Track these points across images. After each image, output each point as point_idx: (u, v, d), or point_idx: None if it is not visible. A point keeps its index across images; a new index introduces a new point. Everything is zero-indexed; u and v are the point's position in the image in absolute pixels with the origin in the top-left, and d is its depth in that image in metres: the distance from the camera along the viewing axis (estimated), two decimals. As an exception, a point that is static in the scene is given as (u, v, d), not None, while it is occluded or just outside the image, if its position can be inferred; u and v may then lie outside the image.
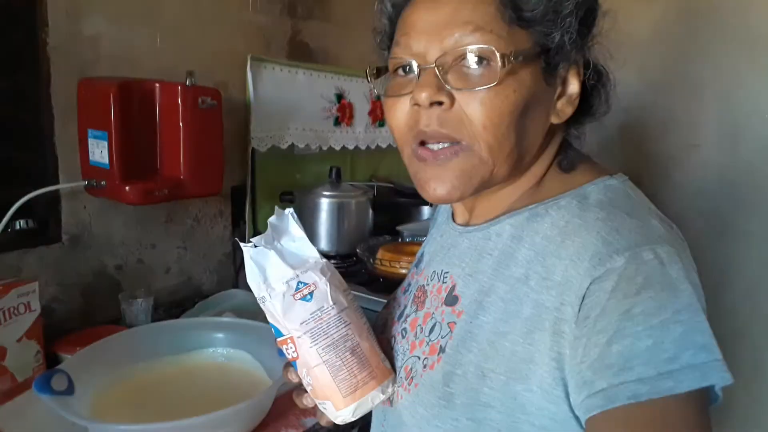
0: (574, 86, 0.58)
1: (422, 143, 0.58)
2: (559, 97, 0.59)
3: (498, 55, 0.52)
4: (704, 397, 0.47)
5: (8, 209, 1.07)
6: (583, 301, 0.49)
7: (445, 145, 0.56)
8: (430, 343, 0.62)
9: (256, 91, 1.51)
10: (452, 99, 0.55)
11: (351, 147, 1.85)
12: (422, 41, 0.56)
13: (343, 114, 1.80)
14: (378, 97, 1.92)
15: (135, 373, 0.96)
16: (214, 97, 1.21)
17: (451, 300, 0.62)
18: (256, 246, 0.61)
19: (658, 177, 1.74)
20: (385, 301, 0.80)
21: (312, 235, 1.61)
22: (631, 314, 0.47)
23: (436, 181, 0.58)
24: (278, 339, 0.61)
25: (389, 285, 1.34)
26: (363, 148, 1.91)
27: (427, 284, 0.68)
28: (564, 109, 0.59)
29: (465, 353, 0.57)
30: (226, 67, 1.47)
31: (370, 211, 1.68)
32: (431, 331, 0.63)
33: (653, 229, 0.52)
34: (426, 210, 1.95)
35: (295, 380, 0.65)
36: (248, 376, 0.98)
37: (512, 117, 0.54)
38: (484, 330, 0.57)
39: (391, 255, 1.41)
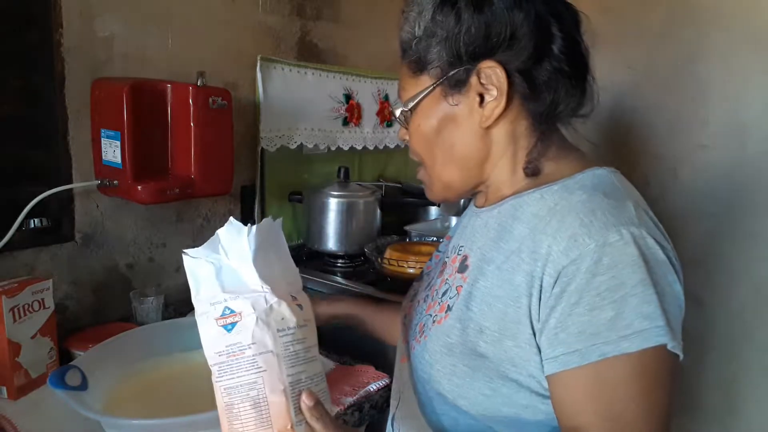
0: (492, 91, 0.68)
1: None
2: (482, 103, 0.69)
3: (398, 110, 0.75)
4: (657, 354, 0.57)
5: (22, 208, 1.08)
6: (559, 276, 0.60)
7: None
8: (441, 303, 0.74)
9: (266, 92, 1.52)
10: (408, 138, 0.76)
11: (359, 147, 1.86)
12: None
13: (352, 114, 1.81)
14: (386, 98, 1.93)
15: (146, 369, 0.97)
16: (225, 97, 1.23)
17: (463, 268, 0.74)
18: (195, 257, 0.57)
19: (665, 177, 1.74)
20: (391, 300, 0.95)
21: (320, 234, 1.63)
22: (598, 290, 0.58)
23: (425, 190, 0.81)
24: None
25: (397, 285, 1.35)
26: (371, 148, 1.92)
27: (448, 257, 0.81)
28: (490, 111, 0.68)
29: (466, 311, 0.68)
30: (236, 68, 1.49)
31: (378, 210, 1.69)
32: (444, 294, 0.75)
33: (625, 211, 0.62)
34: (433, 210, 1.96)
35: None
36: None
37: (427, 142, 0.73)
38: (483, 293, 0.68)
39: (399, 255, 1.42)
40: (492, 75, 0.67)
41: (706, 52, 1.66)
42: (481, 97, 0.68)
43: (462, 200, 1.93)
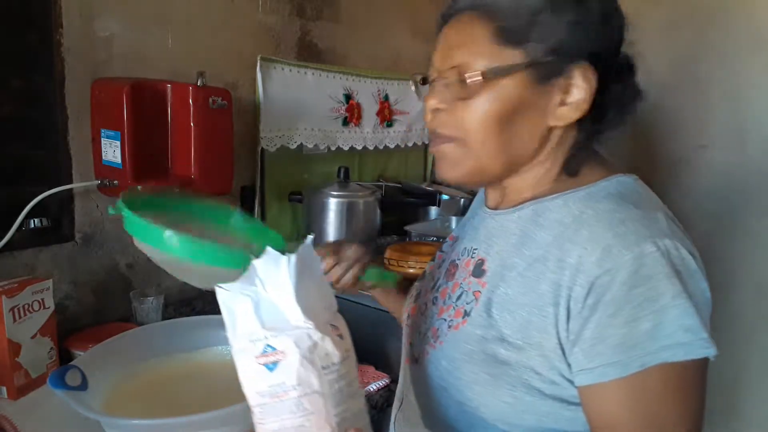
0: (577, 93, 0.64)
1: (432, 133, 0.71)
2: (562, 103, 0.65)
3: (472, 72, 0.63)
4: (696, 365, 0.57)
5: (23, 208, 1.09)
6: (592, 287, 0.58)
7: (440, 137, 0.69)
8: (456, 308, 0.71)
9: (266, 92, 1.52)
10: (451, 106, 0.66)
11: (359, 147, 1.86)
12: (437, 58, 0.68)
13: (352, 114, 1.81)
14: (386, 98, 1.93)
15: (146, 369, 0.96)
16: (225, 97, 1.23)
17: (479, 272, 0.71)
18: (229, 290, 0.53)
19: (666, 177, 1.74)
20: None
21: (320, 234, 1.63)
22: (637, 301, 0.56)
23: (440, 164, 0.71)
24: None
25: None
26: (371, 148, 1.92)
27: (458, 259, 0.77)
28: (567, 114, 0.65)
29: (487, 318, 0.66)
30: (236, 68, 1.49)
31: (378, 211, 1.69)
32: (458, 298, 0.72)
33: (657, 222, 0.60)
34: (433, 210, 1.96)
35: None
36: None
37: (493, 122, 0.65)
38: (504, 300, 0.65)
39: (399, 255, 1.42)
40: (584, 77, 0.63)
41: (706, 52, 1.66)
42: (563, 94, 0.65)
43: (462, 200, 1.94)
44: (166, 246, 0.69)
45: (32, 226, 1.13)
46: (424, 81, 0.73)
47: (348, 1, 1.78)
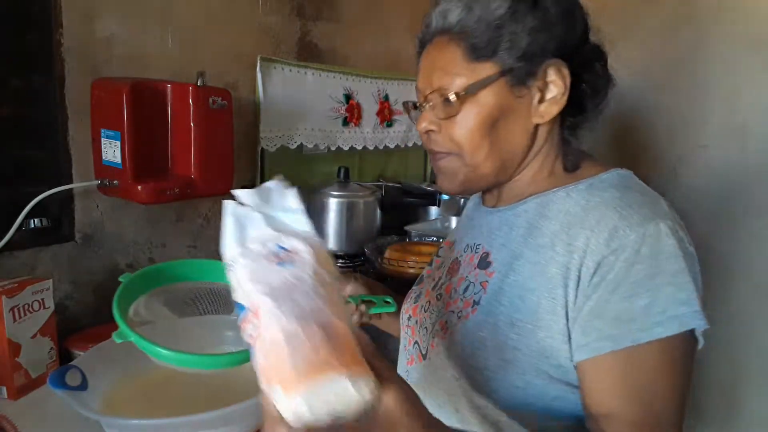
0: (554, 88, 0.69)
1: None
2: (542, 101, 0.70)
3: (451, 93, 0.69)
4: (687, 340, 0.60)
5: (23, 208, 1.08)
6: (599, 266, 0.61)
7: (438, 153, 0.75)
8: (464, 299, 0.74)
9: (266, 92, 1.52)
10: (440, 125, 0.72)
11: (359, 147, 1.86)
12: (420, 83, 0.74)
13: (352, 114, 1.81)
14: (386, 98, 1.93)
15: (146, 369, 0.96)
16: (225, 97, 1.23)
17: (485, 264, 0.74)
18: (241, 204, 0.54)
19: (665, 177, 1.74)
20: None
21: (320, 234, 1.62)
22: (636, 278, 0.60)
23: (440, 179, 0.77)
24: (241, 319, 0.50)
25: (397, 284, 1.35)
26: (371, 148, 1.92)
27: (461, 256, 0.80)
28: (549, 109, 0.70)
29: (497, 305, 0.69)
30: (236, 68, 1.49)
31: (378, 210, 1.69)
32: (465, 290, 0.75)
33: (660, 206, 0.65)
34: (433, 210, 1.96)
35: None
36: (257, 373, 0.99)
37: (480, 132, 0.70)
38: (514, 287, 0.68)
39: (399, 255, 1.42)
40: (558, 73, 0.68)
41: (706, 52, 1.66)
42: (541, 93, 0.69)
43: (462, 200, 1.94)
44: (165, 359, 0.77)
45: (32, 226, 1.13)
46: (415, 106, 0.78)
47: (348, 1, 1.78)
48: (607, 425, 0.60)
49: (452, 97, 0.69)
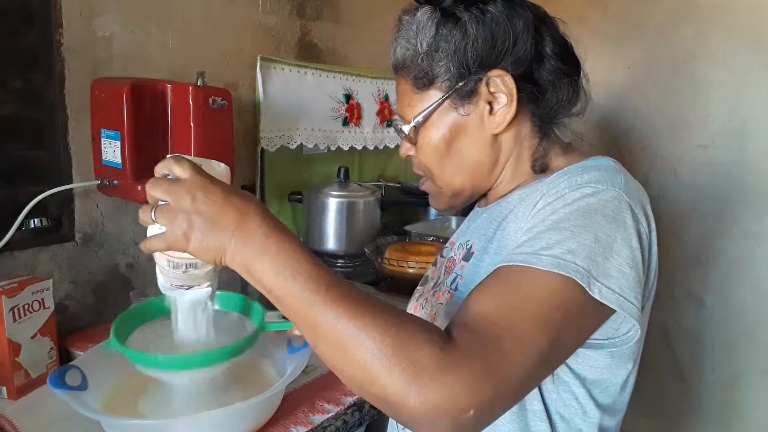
0: (502, 97, 0.71)
1: None
2: (492, 112, 0.72)
3: (407, 124, 0.75)
4: (570, 286, 0.57)
5: (22, 208, 1.08)
6: (539, 210, 0.64)
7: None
8: (450, 291, 0.78)
9: (266, 92, 1.52)
10: (413, 151, 0.79)
11: (359, 147, 1.86)
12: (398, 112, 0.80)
13: (352, 114, 1.81)
14: (386, 98, 1.93)
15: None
16: (225, 97, 1.22)
17: (468, 256, 0.78)
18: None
19: (665, 177, 1.74)
20: (393, 300, 0.95)
21: (320, 234, 1.63)
22: (560, 217, 0.61)
23: (429, 199, 0.84)
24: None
25: (397, 285, 1.36)
26: (371, 148, 1.92)
27: (455, 254, 0.84)
28: (501, 119, 0.72)
29: (471, 287, 0.67)
30: (236, 68, 1.49)
31: (378, 210, 1.69)
32: (452, 282, 0.79)
33: (613, 179, 0.64)
34: (433, 210, 1.96)
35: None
36: (257, 373, 0.99)
37: (439, 154, 0.75)
38: (488, 263, 0.71)
39: (399, 255, 1.42)
40: (501, 83, 0.70)
41: (706, 52, 1.66)
42: (490, 104, 0.72)
43: (462, 200, 1.94)
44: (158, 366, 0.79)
45: (32, 226, 1.13)
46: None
47: (348, 1, 1.78)
48: (471, 321, 0.58)
49: (407, 128, 0.75)
